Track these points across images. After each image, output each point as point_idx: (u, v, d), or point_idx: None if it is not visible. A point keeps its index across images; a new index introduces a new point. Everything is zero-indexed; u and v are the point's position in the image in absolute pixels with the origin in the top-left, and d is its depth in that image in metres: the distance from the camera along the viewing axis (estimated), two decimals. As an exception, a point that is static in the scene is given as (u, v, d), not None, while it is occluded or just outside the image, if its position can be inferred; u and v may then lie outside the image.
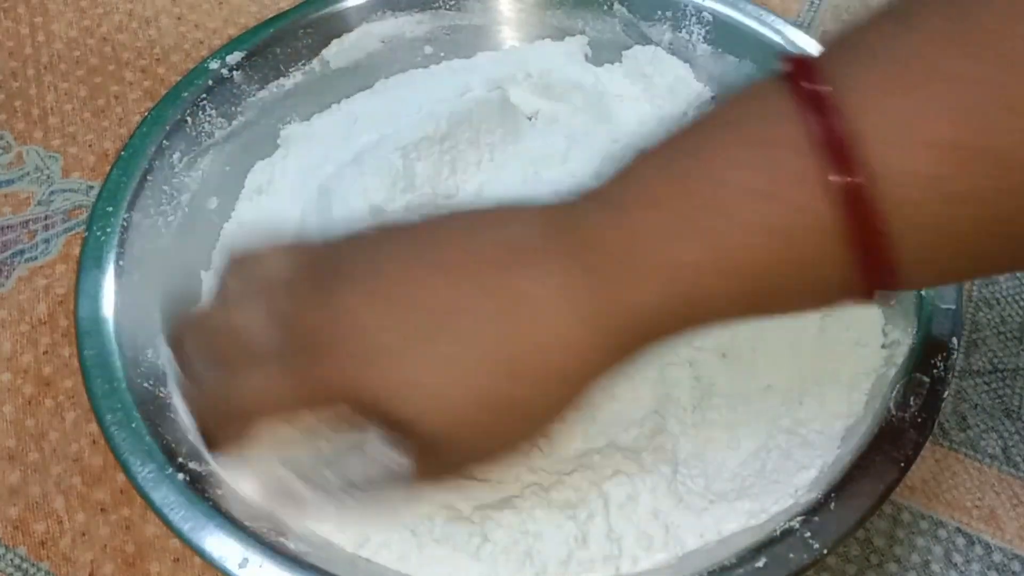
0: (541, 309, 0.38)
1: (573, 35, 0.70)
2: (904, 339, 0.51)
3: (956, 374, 0.59)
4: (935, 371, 0.49)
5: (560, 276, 0.38)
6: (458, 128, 0.61)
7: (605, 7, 0.69)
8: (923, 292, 0.51)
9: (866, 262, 0.34)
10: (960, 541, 0.53)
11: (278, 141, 0.66)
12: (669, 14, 0.67)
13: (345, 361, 0.39)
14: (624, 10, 0.68)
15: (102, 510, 0.55)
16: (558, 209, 0.40)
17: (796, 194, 0.34)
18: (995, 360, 0.60)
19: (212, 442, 0.43)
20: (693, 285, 0.36)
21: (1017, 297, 0.62)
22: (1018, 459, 0.56)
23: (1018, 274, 0.62)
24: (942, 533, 0.54)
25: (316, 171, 0.63)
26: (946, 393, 0.48)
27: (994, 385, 0.59)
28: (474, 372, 0.39)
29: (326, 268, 0.41)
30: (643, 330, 0.38)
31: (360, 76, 0.69)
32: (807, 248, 0.34)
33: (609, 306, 0.37)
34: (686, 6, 0.67)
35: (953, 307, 0.51)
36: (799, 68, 0.34)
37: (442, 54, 0.70)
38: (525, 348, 0.38)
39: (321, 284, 0.41)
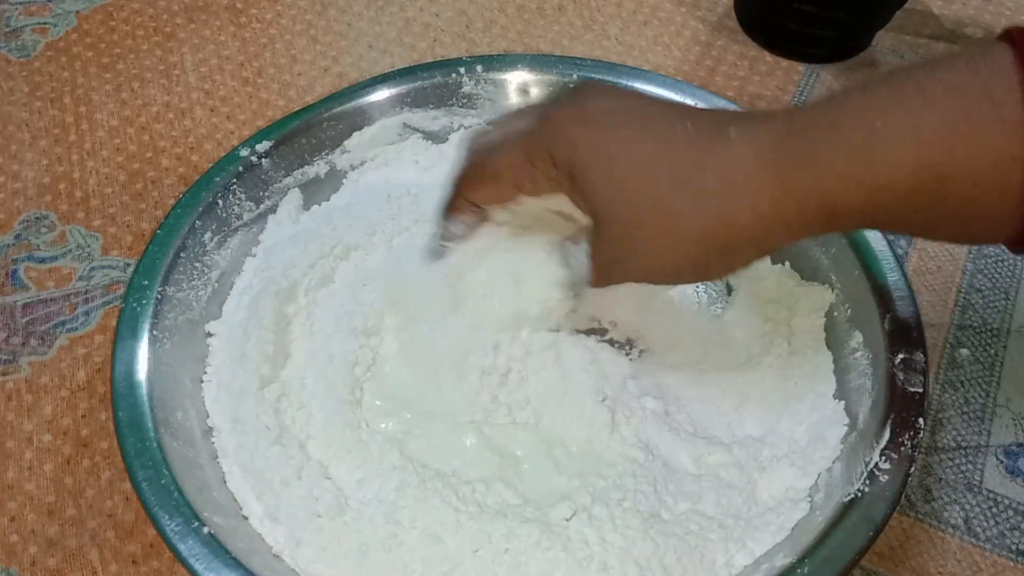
0: (736, 166, 0.43)
1: None
2: (874, 421, 0.54)
3: (923, 451, 0.61)
4: (903, 448, 0.51)
5: (758, 147, 0.43)
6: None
7: None
8: (896, 378, 0.54)
9: None
10: (924, 605, 0.56)
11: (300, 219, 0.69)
12: None
13: (559, 125, 0.47)
14: None
15: (133, 562, 0.57)
16: (776, 111, 0.46)
17: (995, 90, 0.38)
18: (959, 438, 0.62)
19: (452, 206, 0.54)
20: (882, 153, 0.40)
21: (980, 380, 0.64)
22: (978, 530, 0.58)
23: (980, 359, 0.65)
24: (908, 597, 0.56)
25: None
26: (913, 468, 0.51)
27: (957, 461, 0.60)
28: (663, 188, 0.45)
29: (586, 90, 0.49)
30: (827, 213, 0.43)
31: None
32: (993, 136, 0.39)
33: (800, 184, 0.42)
34: None
35: (920, 390, 0.53)
36: (1009, 29, 0.40)
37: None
38: (713, 187, 0.44)
39: (571, 93, 0.50)
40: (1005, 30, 0.40)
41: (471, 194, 0.53)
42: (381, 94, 0.71)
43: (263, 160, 0.67)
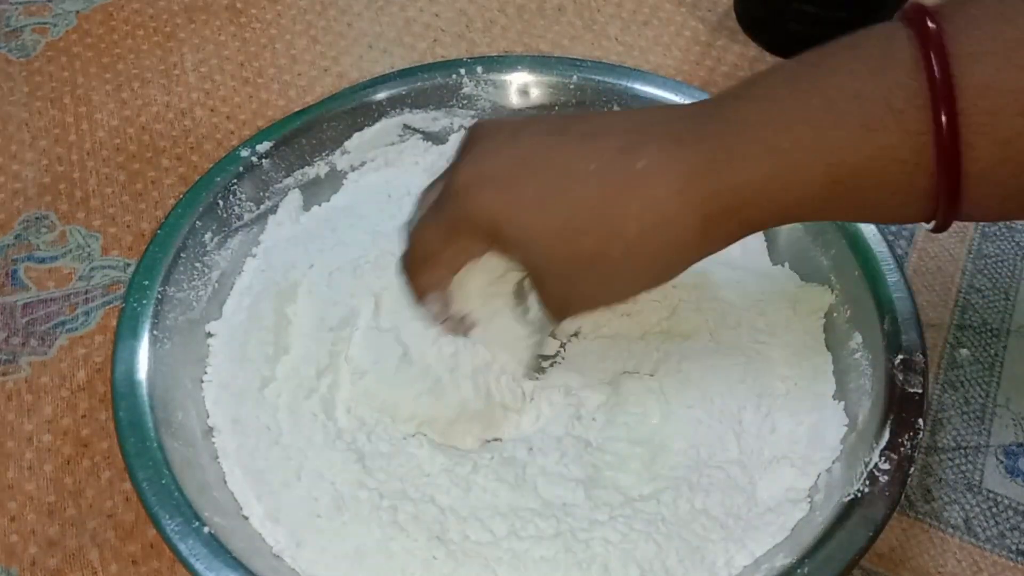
0: (642, 180, 0.44)
1: None
2: (873, 422, 0.54)
3: (922, 451, 0.61)
4: (903, 449, 0.51)
5: (668, 156, 0.44)
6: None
7: (605, 110, 0.71)
8: (895, 379, 0.54)
9: (943, 171, 0.39)
10: (924, 605, 0.56)
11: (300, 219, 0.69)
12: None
13: (466, 192, 0.47)
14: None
15: (133, 562, 0.57)
16: (682, 106, 0.48)
17: (896, 99, 0.39)
18: (958, 438, 0.62)
19: (417, 292, 0.54)
20: (792, 171, 0.42)
21: (980, 380, 0.64)
22: (978, 529, 0.58)
23: (980, 359, 0.65)
24: (908, 597, 0.56)
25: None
26: (913, 468, 0.51)
27: (957, 461, 0.61)
28: (566, 215, 0.45)
29: (479, 140, 0.50)
30: (742, 215, 0.44)
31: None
32: (897, 149, 0.40)
33: (713, 187, 0.43)
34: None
35: (919, 390, 0.54)
36: (915, 9, 0.40)
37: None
38: (618, 208, 0.44)
39: (466, 148, 0.50)
40: (904, 8, 0.42)
41: (417, 281, 0.54)
42: (381, 95, 0.71)
43: (263, 160, 0.67)
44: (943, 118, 0.38)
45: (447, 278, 0.52)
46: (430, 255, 0.51)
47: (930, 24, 0.39)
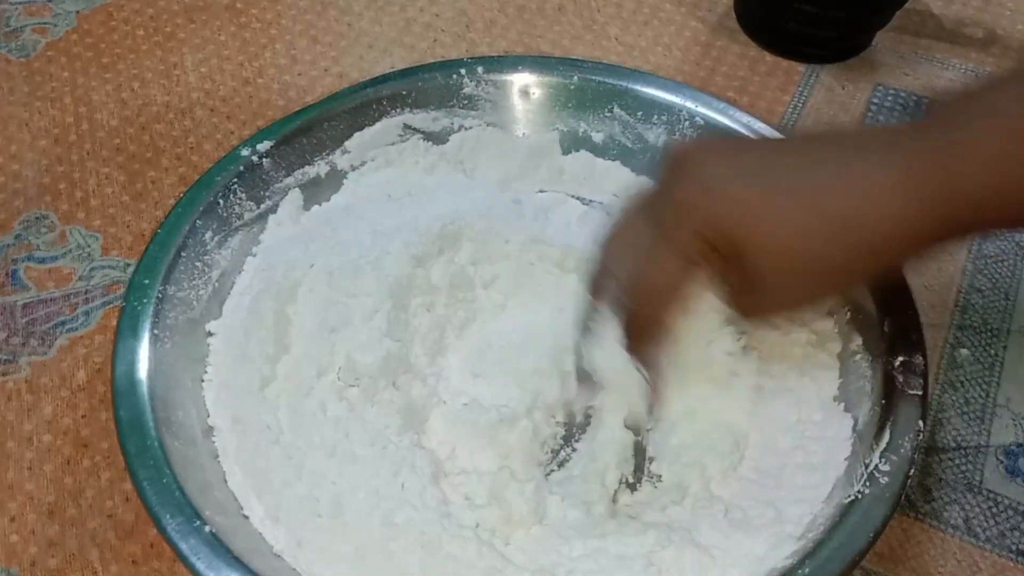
0: (875, 186, 0.44)
1: (576, 133, 0.73)
2: (873, 423, 0.54)
3: (923, 451, 0.61)
4: (903, 451, 0.51)
5: (896, 164, 0.44)
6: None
7: (606, 110, 0.72)
8: (895, 380, 0.54)
9: None
10: (925, 605, 0.56)
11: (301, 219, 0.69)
12: (664, 117, 0.71)
13: (697, 208, 0.48)
14: (623, 113, 0.72)
15: (134, 562, 0.57)
16: (895, 124, 0.49)
17: None
18: (959, 438, 0.62)
19: (639, 339, 0.53)
20: (1014, 176, 0.42)
21: (980, 380, 0.64)
22: (978, 530, 0.58)
23: (980, 359, 0.65)
24: (908, 597, 0.56)
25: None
26: (913, 469, 0.51)
27: (957, 461, 0.61)
28: (806, 223, 0.46)
29: (686, 163, 0.50)
30: (960, 217, 0.44)
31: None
32: None
33: (935, 188, 0.43)
34: (680, 111, 0.70)
35: (920, 392, 0.54)
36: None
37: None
38: (854, 213, 0.45)
39: (677, 173, 0.50)
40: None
41: (644, 318, 0.53)
42: (381, 94, 0.71)
43: (264, 160, 0.67)
44: None
45: (682, 303, 0.52)
46: (670, 288, 0.51)
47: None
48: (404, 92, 0.71)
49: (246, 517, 0.54)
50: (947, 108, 0.46)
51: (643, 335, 0.53)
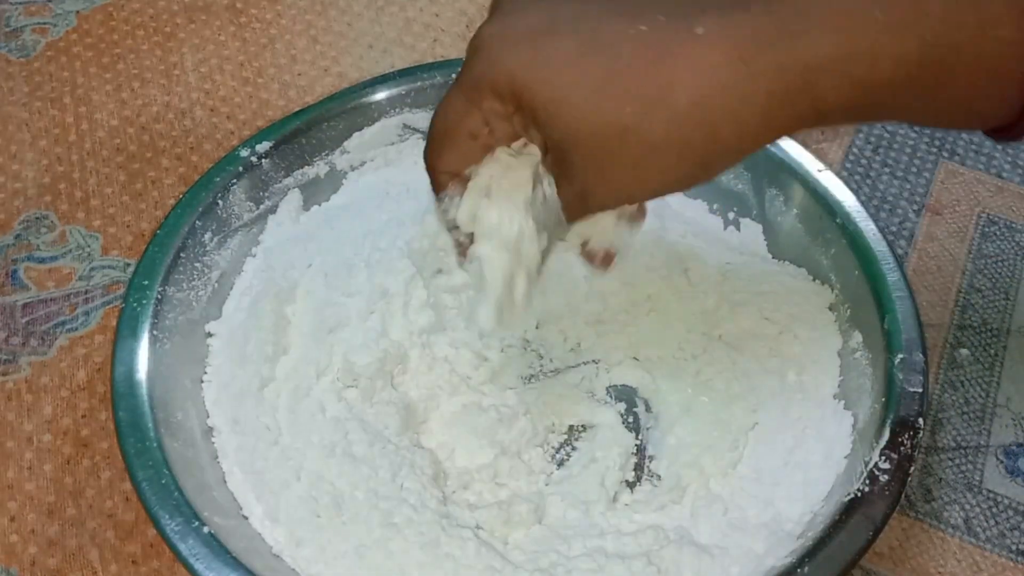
0: (700, 45, 0.38)
1: None
2: (873, 421, 0.54)
3: (922, 450, 0.61)
4: (903, 448, 0.51)
5: (731, 21, 0.38)
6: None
7: None
8: (895, 378, 0.54)
9: None
10: (924, 604, 0.56)
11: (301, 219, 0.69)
12: None
13: (490, 54, 0.41)
14: None
15: (133, 562, 0.57)
16: None
17: (1000, 9, 0.36)
18: (959, 438, 0.62)
19: (435, 185, 0.46)
20: (881, 44, 0.37)
21: (980, 380, 0.64)
22: (978, 529, 0.58)
23: (980, 359, 0.65)
24: (908, 597, 0.56)
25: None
26: (913, 468, 0.51)
27: (957, 461, 0.61)
28: (628, 92, 0.38)
29: (497, 8, 0.43)
30: (814, 93, 0.38)
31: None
32: (1002, 22, 0.36)
33: (781, 57, 0.37)
34: None
35: (920, 390, 0.54)
36: None
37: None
38: (668, 73, 0.38)
39: (490, 17, 0.42)
40: None
41: (441, 164, 0.46)
42: (381, 94, 0.71)
43: (263, 160, 0.67)
44: None
45: (477, 154, 0.45)
46: (453, 127, 0.44)
47: None
48: (403, 92, 0.71)
49: (245, 517, 0.54)
50: None
51: (434, 183, 0.47)
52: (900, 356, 0.55)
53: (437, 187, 0.47)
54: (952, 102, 0.39)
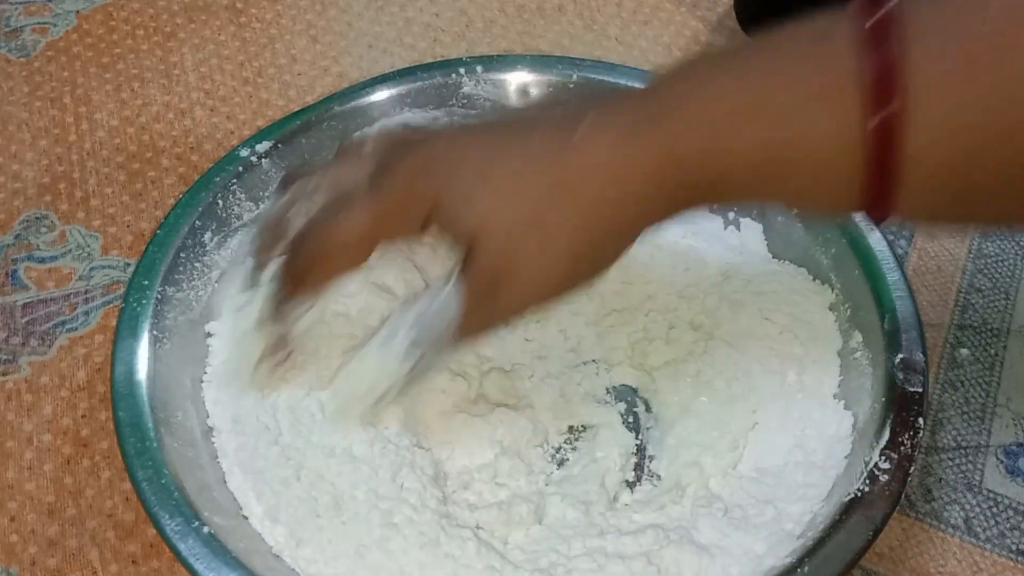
0: (593, 152, 0.42)
1: None
2: (873, 421, 0.54)
3: (923, 450, 0.61)
4: (903, 448, 0.51)
5: (613, 130, 0.42)
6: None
7: None
8: (895, 378, 0.54)
9: (878, 172, 0.38)
10: (924, 605, 0.56)
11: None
12: None
13: (407, 176, 0.45)
14: None
15: (133, 562, 0.57)
16: (620, 91, 0.47)
17: (832, 74, 0.38)
18: (959, 438, 0.62)
19: (293, 281, 0.49)
20: (727, 140, 0.40)
21: (980, 380, 0.64)
22: (979, 530, 0.58)
23: (980, 359, 0.65)
24: (908, 597, 0.56)
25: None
26: (913, 468, 0.51)
27: (957, 461, 0.61)
28: (527, 191, 0.43)
29: (416, 139, 0.47)
30: (685, 183, 0.42)
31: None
32: (831, 129, 0.38)
33: (654, 153, 0.41)
34: None
35: (920, 390, 0.54)
36: (866, 4, 0.38)
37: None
38: (575, 179, 0.43)
39: (409, 143, 0.47)
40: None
41: (323, 271, 0.49)
42: (381, 94, 0.71)
43: (263, 160, 0.67)
44: (879, 105, 0.37)
45: (359, 261, 0.48)
46: (350, 239, 0.47)
47: (882, 16, 0.37)
48: (403, 92, 0.71)
49: (245, 517, 0.54)
50: (661, 80, 0.44)
51: (300, 285, 0.49)
52: (900, 356, 0.55)
53: (290, 291, 0.50)
54: (799, 194, 0.42)
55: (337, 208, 0.47)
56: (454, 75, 0.72)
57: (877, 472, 0.51)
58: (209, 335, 0.61)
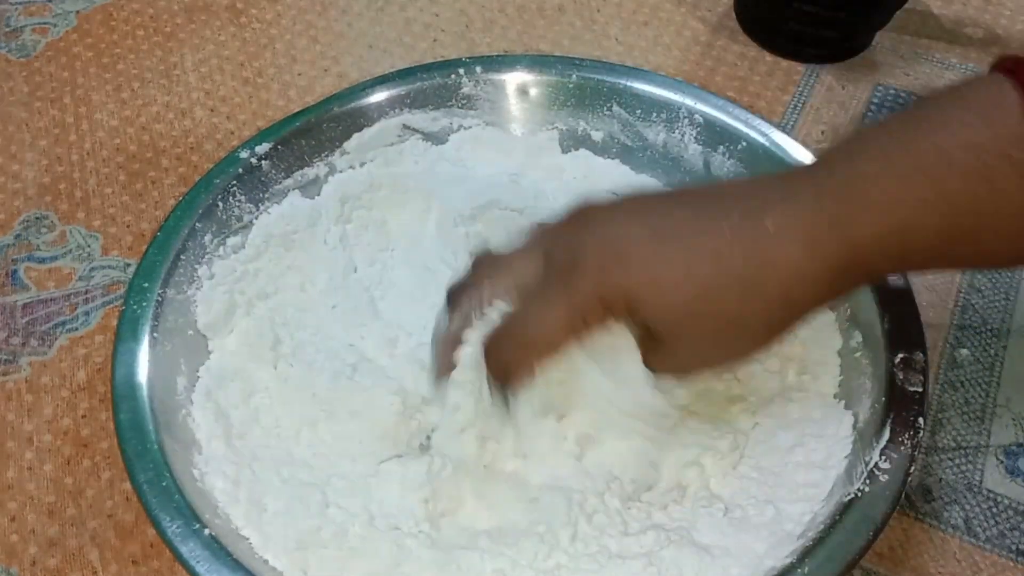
0: (776, 242, 0.45)
1: (576, 132, 0.73)
2: (873, 420, 0.54)
3: (923, 450, 0.61)
4: (903, 448, 0.51)
5: (794, 216, 0.45)
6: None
7: (605, 109, 0.72)
8: (895, 378, 0.54)
9: None
10: (924, 605, 0.56)
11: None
12: (664, 115, 0.71)
13: (601, 269, 0.47)
14: (622, 111, 0.72)
15: (133, 562, 0.57)
16: (795, 170, 0.49)
17: (1011, 148, 0.41)
18: (959, 438, 0.62)
19: (505, 377, 0.52)
20: (912, 223, 0.43)
21: (980, 380, 0.64)
22: (978, 530, 0.58)
23: (980, 359, 0.65)
24: (908, 597, 0.56)
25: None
26: (913, 468, 0.51)
27: (957, 461, 0.61)
28: (710, 282, 0.46)
29: (590, 221, 0.50)
30: (861, 265, 0.45)
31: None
32: (1015, 196, 0.41)
33: (838, 244, 0.44)
34: (679, 108, 0.70)
35: (920, 390, 0.54)
36: (1014, 60, 0.42)
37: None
38: (758, 270, 0.46)
39: (582, 225, 0.50)
40: (1000, 59, 0.43)
41: (535, 366, 0.51)
42: (381, 95, 0.71)
43: (263, 162, 0.67)
44: None
45: (554, 357, 0.51)
46: (553, 338, 0.50)
47: None
48: (403, 92, 0.71)
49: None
50: (836, 155, 0.46)
51: (510, 377, 0.52)
52: (900, 356, 0.55)
53: (502, 382, 0.52)
54: (982, 255, 0.46)
55: (526, 306, 0.51)
56: (454, 75, 0.72)
57: (877, 472, 0.51)
58: (209, 337, 0.61)
